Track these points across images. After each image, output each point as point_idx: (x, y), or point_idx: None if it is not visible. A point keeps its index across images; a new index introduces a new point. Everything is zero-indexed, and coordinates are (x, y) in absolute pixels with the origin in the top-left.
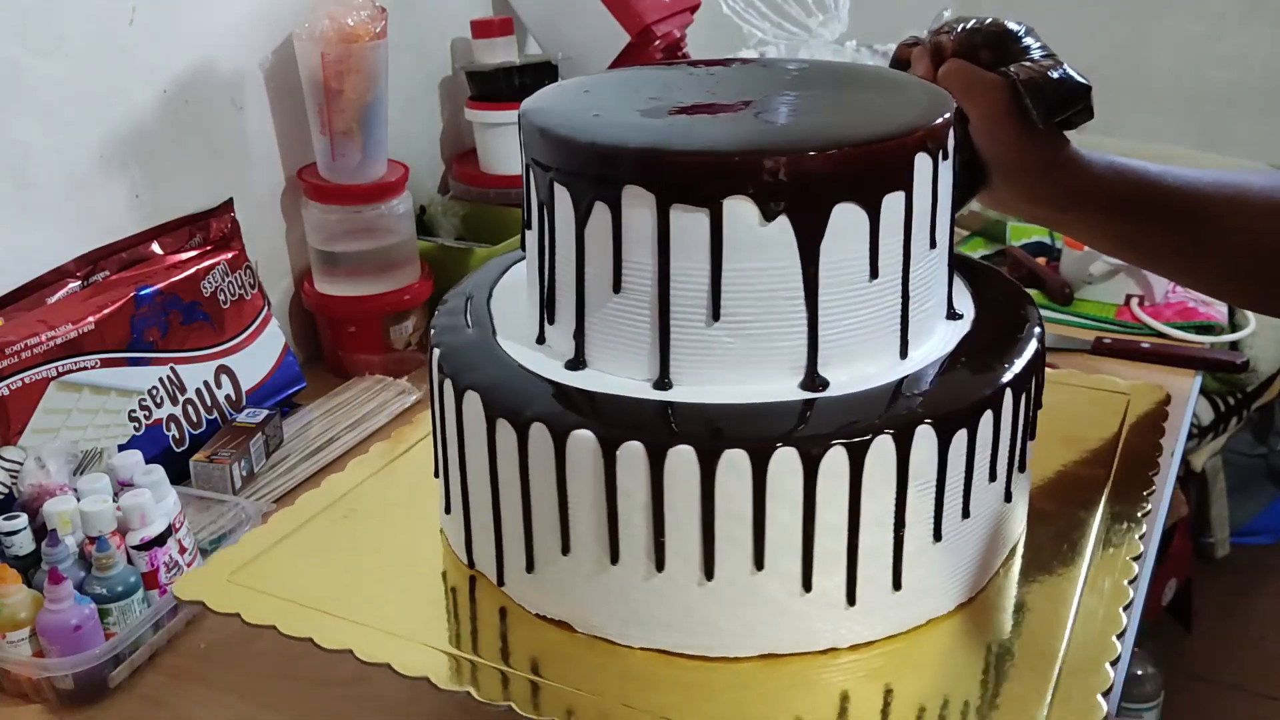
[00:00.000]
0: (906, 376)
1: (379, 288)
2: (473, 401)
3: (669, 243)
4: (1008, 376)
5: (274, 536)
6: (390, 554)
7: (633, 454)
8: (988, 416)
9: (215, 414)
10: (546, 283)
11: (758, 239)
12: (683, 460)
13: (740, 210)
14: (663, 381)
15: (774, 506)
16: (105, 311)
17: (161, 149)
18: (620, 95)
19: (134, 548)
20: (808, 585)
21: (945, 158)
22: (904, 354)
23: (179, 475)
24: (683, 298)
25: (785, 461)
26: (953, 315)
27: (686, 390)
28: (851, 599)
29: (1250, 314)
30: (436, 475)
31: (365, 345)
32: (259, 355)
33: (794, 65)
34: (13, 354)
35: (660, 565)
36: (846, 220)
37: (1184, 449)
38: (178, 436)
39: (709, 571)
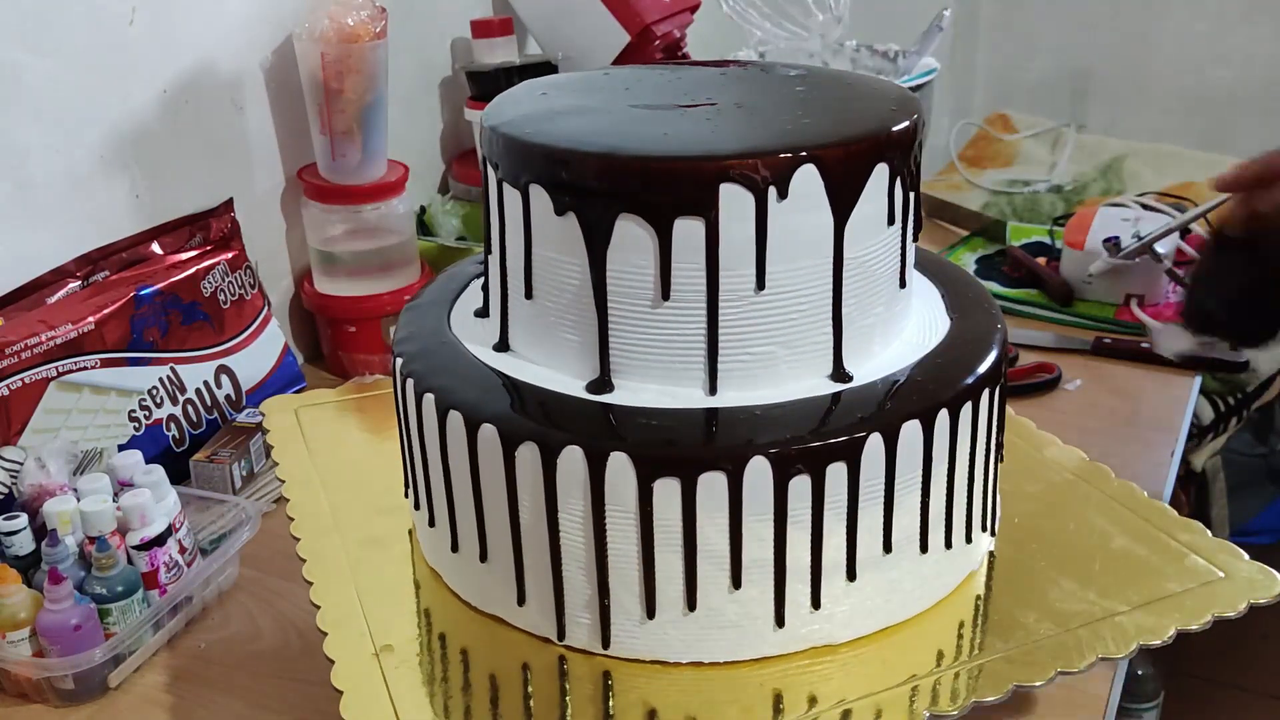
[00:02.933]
0: (676, 409)
1: (379, 288)
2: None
3: (504, 216)
4: (777, 451)
5: (352, 391)
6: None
7: (456, 421)
8: (709, 479)
9: (215, 414)
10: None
11: (553, 230)
12: (488, 435)
13: (540, 199)
14: (502, 344)
15: (562, 500)
16: (105, 311)
17: (161, 149)
18: (581, 89)
19: (134, 548)
20: (604, 592)
21: (784, 197)
22: (711, 390)
23: (179, 475)
24: (511, 269)
25: (572, 458)
26: (841, 376)
27: (515, 361)
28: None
29: None
30: None
31: (365, 345)
32: (259, 355)
33: (793, 71)
34: (13, 354)
35: (482, 533)
36: (632, 234)
37: (1184, 449)
38: (178, 436)
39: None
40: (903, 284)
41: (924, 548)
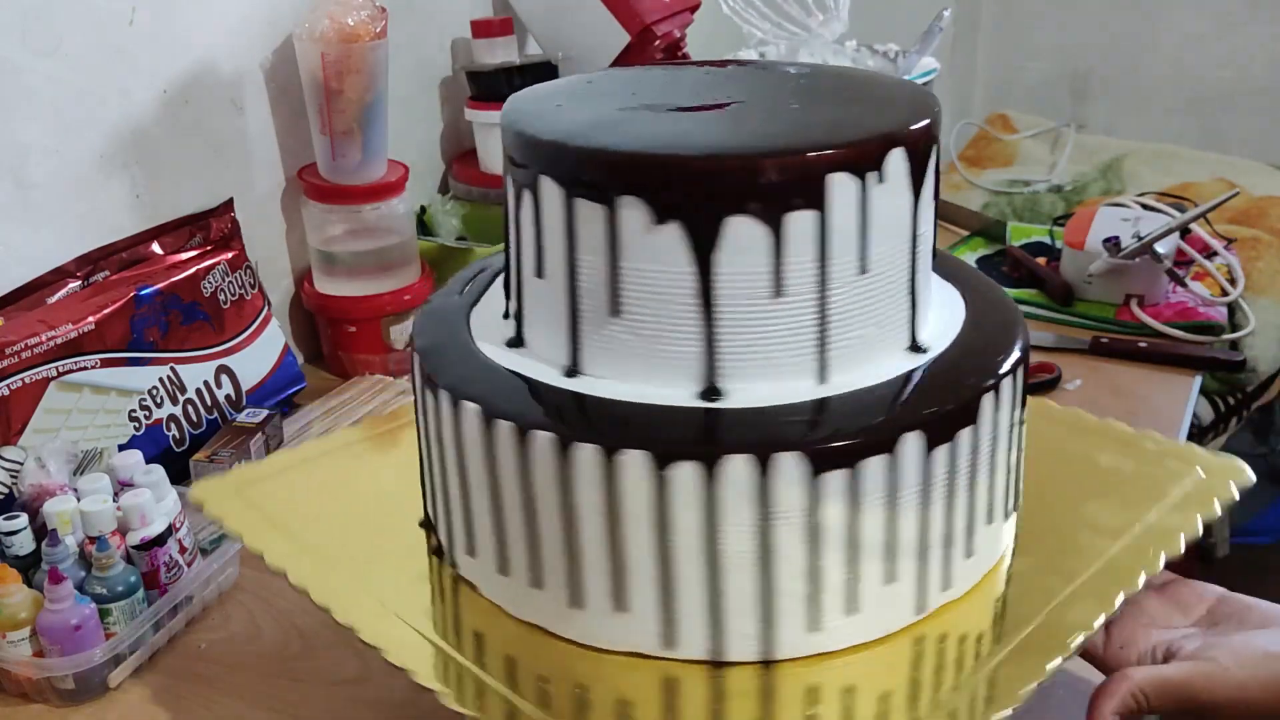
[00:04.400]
0: (806, 401)
1: (379, 288)
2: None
3: (575, 234)
4: (908, 419)
5: (294, 460)
6: (388, 504)
7: (544, 442)
8: (873, 462)
9: (215, 414)
10: (508, 264)
11: (651, 241)
12: (585, 454)
13: (633, 210)
14: (573, 369)
15: (676, 511)
16: (105, 311)
17: (161, 149)
18: (608, 92)
19: (134, 548)
20: (715, 592)
21: (881, 180)
22: (822, 378)
23: (179, 475)
24: (587, 289)
25: (686, 469)
26: (917, 348)
27: (592, 382)
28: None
29: (1250, 314)
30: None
31: (365, 345)
32: (259, 355)
33: (794, 69)
34: (13, 354)
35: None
36: (744, 233)
37: None
38: (178, 436)
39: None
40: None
41: (990, 516)
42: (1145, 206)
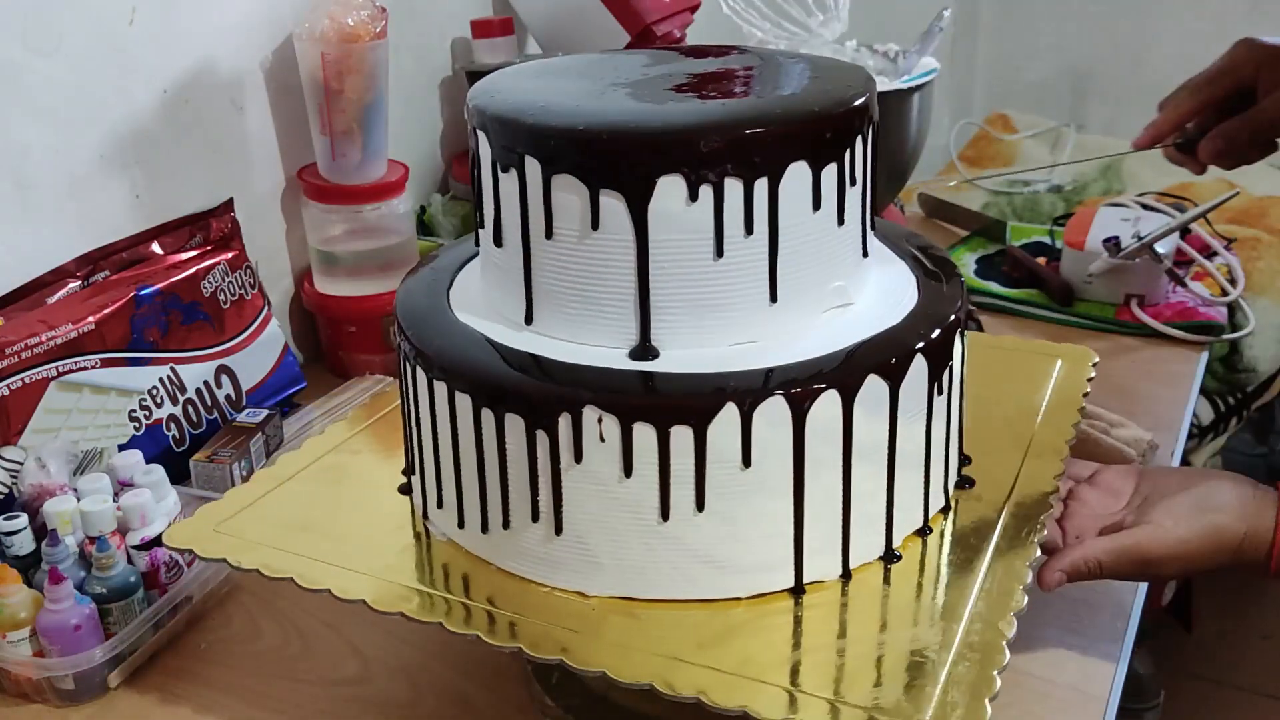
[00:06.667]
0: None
1: (379, 288)
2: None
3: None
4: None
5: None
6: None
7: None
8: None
9: (215, 414)
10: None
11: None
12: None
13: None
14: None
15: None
16: (105, 311)
17: (161, 149)
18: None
19: (134, 548)
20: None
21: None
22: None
23: (179, 475)
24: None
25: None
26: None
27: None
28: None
29: (1250, 314)
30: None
31: (365, 345)
32: (259, 355)
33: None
34: (13, 354)
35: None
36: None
37: (1184, 449)
38: (178, 436)
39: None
40: None
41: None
42: (1145, 206)
